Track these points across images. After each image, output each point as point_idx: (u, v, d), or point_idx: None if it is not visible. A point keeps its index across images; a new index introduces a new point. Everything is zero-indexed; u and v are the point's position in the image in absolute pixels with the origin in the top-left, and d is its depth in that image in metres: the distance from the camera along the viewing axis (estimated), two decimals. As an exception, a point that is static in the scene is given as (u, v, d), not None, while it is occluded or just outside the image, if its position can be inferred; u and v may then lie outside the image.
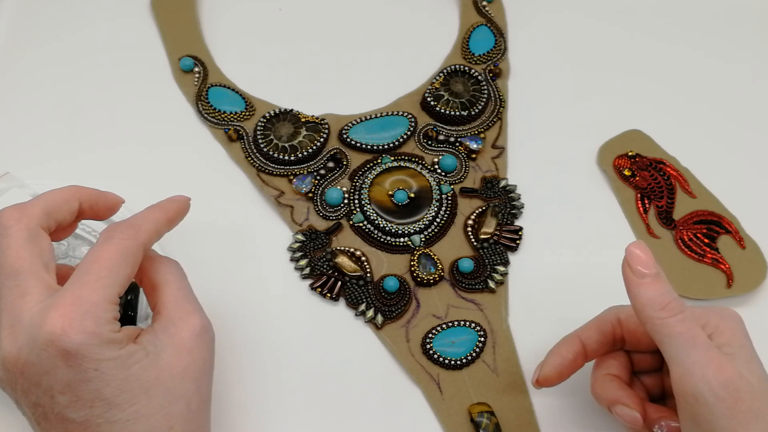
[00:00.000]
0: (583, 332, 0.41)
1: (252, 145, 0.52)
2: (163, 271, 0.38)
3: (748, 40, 0.59)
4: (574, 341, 0.41)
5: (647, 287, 0.36)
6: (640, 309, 0.36)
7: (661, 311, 0.35)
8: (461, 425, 0.43)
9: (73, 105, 0.54)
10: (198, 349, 0.36)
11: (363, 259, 0.48)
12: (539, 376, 0.41)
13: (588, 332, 0.41)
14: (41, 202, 0.36)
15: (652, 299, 0.36)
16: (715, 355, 0.34)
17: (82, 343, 0.32)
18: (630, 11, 0.60)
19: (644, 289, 0.36)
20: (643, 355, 0.41)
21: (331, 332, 0.46)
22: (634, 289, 0.36)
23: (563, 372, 0.41)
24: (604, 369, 0.41)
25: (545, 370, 0.41)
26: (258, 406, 0.44)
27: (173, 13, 0.58)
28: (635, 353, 0.42)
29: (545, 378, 0.41)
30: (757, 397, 0.34)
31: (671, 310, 0.35)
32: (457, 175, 0.51)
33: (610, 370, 0.41)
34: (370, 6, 0.60)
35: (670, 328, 0.35)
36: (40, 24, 0.58)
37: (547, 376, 0.41)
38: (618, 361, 0.41)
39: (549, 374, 0.41)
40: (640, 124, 0.54)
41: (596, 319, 0.41)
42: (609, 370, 0.41)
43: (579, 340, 0.41)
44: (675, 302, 0.35)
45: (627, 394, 0.39)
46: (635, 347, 0.41)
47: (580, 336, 0.41)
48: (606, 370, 0.41)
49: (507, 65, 0.56)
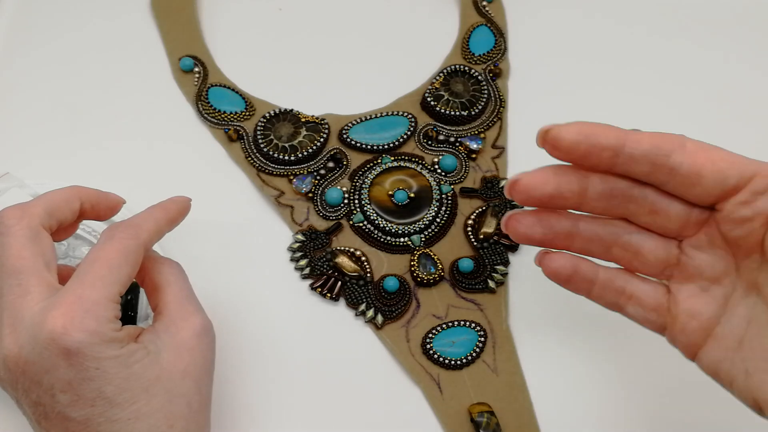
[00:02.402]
0: (634, 140, 0.33)
1: (252, 145, 0.52)
2: (164, 272, 0.38)
3: (749, 39, 0.59)
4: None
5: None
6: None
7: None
8: (461, 425, 0.43)
9: (73, 105, 0.54)
10: (199, 348, 0.36)
11: (363, 259, 0.48)
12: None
13: (640, 143, 0.33)
14: (43, 201, 0.36)
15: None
16: None
17: (83, 341, 0.32)
18: (630, 11, 0.60)
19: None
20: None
21: (331, 332, 0.46)
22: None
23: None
24: None
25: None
26: (258, 405, 0.44)
27: (173, 13, 0.58)
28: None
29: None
30: None
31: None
32: (457, 175, 0.51)
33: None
34: (369, 6, 0.60)
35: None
36: (40, 23, 0.58)
37: (534, 181, 0.33)
38: None
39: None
40: (640, 124, 0.54)
41: (651, 136, 0.33)
42: None
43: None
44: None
45: None
46: (682, 190, 0.32)
47: (627, 143, 0.32)
48: None
49: (507, 65, 0.57)
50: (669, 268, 0.35)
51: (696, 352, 0.34)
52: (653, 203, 0.34)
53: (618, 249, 0.35)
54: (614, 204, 0.34)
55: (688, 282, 0.34)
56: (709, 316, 0.33)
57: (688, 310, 0.34)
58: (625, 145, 0.32)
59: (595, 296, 0.36)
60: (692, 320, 0.33)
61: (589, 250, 0.36)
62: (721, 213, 0.32)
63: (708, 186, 0.32)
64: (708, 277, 0.33)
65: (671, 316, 0.34)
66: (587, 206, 0.34)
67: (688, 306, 0.34)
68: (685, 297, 0.34)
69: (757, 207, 0.31)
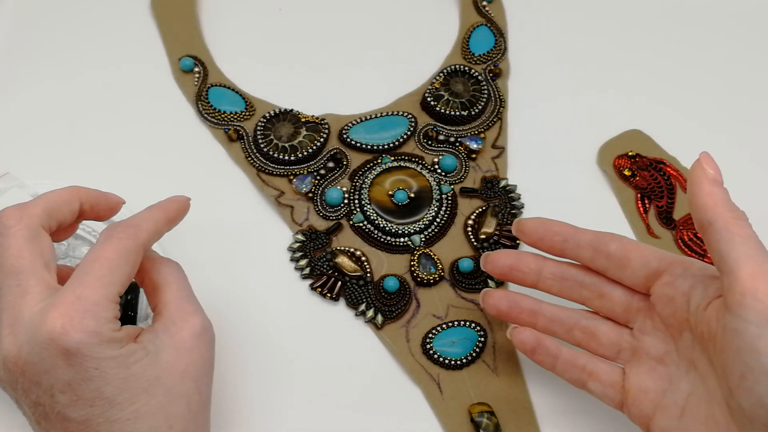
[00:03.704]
0: (581, 233, 0.41)
1: (252, 145, 0.52)
2: (164, 272, 0.38)
3: (749, 39, 0.59)
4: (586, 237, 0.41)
5: (720, 188, 0.35)
6: (711, 206, 0.35)
7: (733, 212, 0.35)
8: (461, 425, 0.43)
9: (72, 105, 0.54)
10: (198, 348, 0.36)
11: (363, 259, 0.48)
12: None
13: (585, 234, 0.41)
14: (42, 202, 0.36)
15: (725, 199, 0.35)
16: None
17: (82, 341, 0.32)
18: (630, 11, 0.60)
19: (718, 189, 0.35)
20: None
21: (331, 332, 0.46)
22: (708, 186, 0.35)
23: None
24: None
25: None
26: (258, 405, 0.44)
27: (173, 13, 0.58)
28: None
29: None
30: None
31: (742, 215, 0.35)
32: (457, 175, 0.51)
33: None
34: (370, 6, 0.60)
35: (742, 228, 0.34)
36: (40, 24, 0.58)
37: (497, 256, 0.43)
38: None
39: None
40: (640, 124, 0.54)
41: (595, 232, 0.41)
42: None
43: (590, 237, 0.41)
44: (742, 211, 0.35)
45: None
46: (617, 273, 0.40)
47: (575, 234, 0.41)
48: None
49: (507, 65, 0.56)
50: (623, 351, 0.40)
51: (648, 424, 0.38)
52: (600, 288, 0.40)
53: (578, 332, 0.41)
54: (567, 286, 0.41)
55: (639, 362, 0.39)
56: (656, 390, 0.38)
57: (638, 386, 0.38)
58: (573, 234, 0.40)
59: (559, 371, 0.41)
60: (641, 394, 0.38)
61: (552, 330, 0.41)
62: (654, 295, 0.38)
63: (635, 268, 0.38)
64: (654, 358, 0.39)
65: (625, 391, 0.39)
66: (543, 285, 0.42)
67: (637, 382, 0.39)
68: (636, 374, 0.39)
69: (677, 287, 0.37)
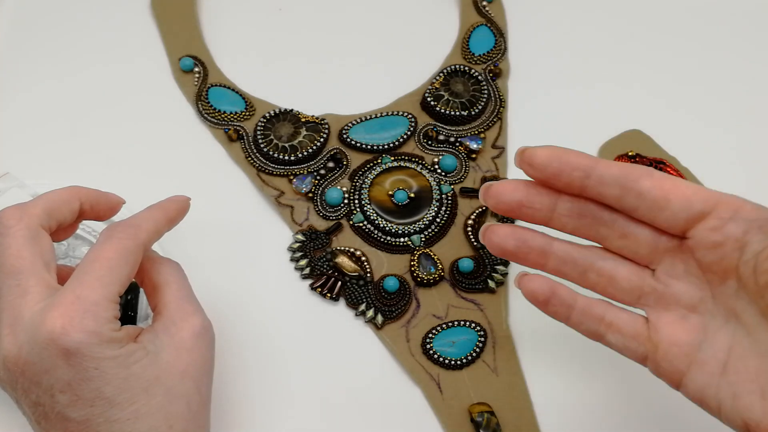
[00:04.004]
0: (604, 166, 0.33)
1: (252, 145, 0.52)
2: (164, 272, 0.38)
3: (749, 39, 0.59)
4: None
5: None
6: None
7: None
8: (461, 425, 0.43)
9: (72, 105, 0.54)
10: (198, 348, 0.36)
11: (363, 259, 0.48)
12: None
13: (609, 168, 0.33)
14: (42, 201, 0.36)
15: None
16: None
17: (82, 341, 0.32)
18: (630, 12, 0.60)
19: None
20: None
21: (331, 332, 0.46)
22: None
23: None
24: None
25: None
26: (258, 405, 0.44)
27: (173, 13, 0.58)
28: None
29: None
30: None
31: None
32: (457, 175, 0.51)
33: None
34: (370, 6, 0.60)
35: None
36: (40, 24, 0.58)
37: (503, 188, 0.35)
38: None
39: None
40: (640, 124, 0.54)
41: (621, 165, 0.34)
42: None
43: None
44: None
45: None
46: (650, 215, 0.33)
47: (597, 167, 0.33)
48: None
49: (507, 65, 0.56)
50: (644, 296, 0.35)
51: (680, 380, 0.34)
52: (623, 227, 0.35)
53: (593, 274, 0.36)
54: (584, 224, 0.35)
55: (667, 310, 0.34)
56: (690, 343, 0.33)
57: (669, 338, 0.34)
58: (595, 168, 0.33)
59: (575, 323, 0.36)
60: (673, 347, 0.34)
61: (564, 272, 0.36)
62: (693, 239, 0.33)
63: (675, 210, 0.33)
64: (685, 305, 0.34)
65: (652, 344, 0.34)
66: (557, 222, 0.35)
67: (667, 334, 0.34)
68: (665, 325, 0.34)
69: (726, 232, 0.32)
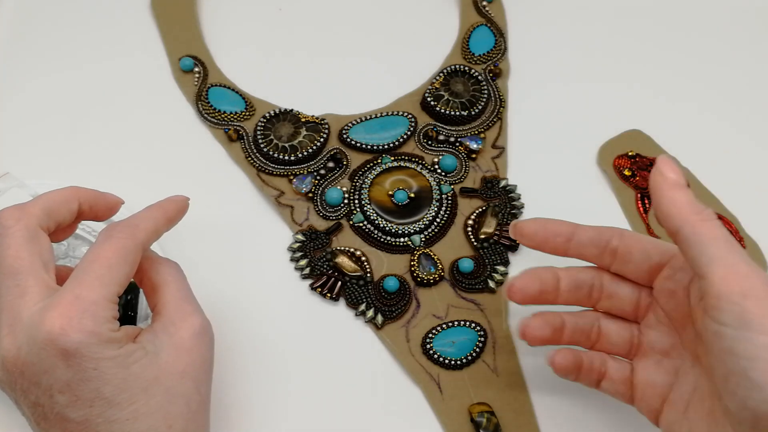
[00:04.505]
0: (582, 230, 0.40)
1: (252, 145, 0.52)
2: (163, 272, 0.38)
3: (747, 40, 0.59)
4: (567, 273, 0.41)
5: (683, 191, 0.35)
6: (676, 212, 0.35)
7: (699, 214, 0.34)
8: (461, 425, 0.43)
9: (72, 105, 0.54)
10: (197, 348, 0.36)
11: (363, 259, 0.48)
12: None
13: (586, 232, 0.40)
14: (41, 202, 0.36)
15: (690, 202, 0.35)
16: (749, 259, 0.34)
17: (81, 342, 0.32)
18: (630, 11, 0.60)
19: (681, 193, 0.35)
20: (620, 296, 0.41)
21: (331, 332, 0.46)
22: (669, 192, 0.35)
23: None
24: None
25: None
26: (258, 406, 0.44)
27: (173, 13, 0.58)
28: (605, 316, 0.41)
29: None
30: None
31: (709, 215, 0.34)
32: (457, 175, 0.51)
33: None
34: (370, 6, 0.60)
35: (710, 230, 0.34)
36: (40, 24, 0.58)
37: (523, 286, 0.40)
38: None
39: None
40: (640, 124, 0.54)
41: (595, 228, 0.40)
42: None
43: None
44: (709, 211, 0.35)
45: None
46: (620, 268, 0.40)
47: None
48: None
49: (507, 65, 0.56)
50: (633, 347, 0.40)
51: (657, 417, 0.38)
52: (608, 288, 0.40)
53: (593, 334, 0.41)
54: (582, 295, 0.41)
55: (645, 356, 0.39)
56: (663, 384, 0.38)
57: (645, 380, 0.39)
58: (575, 233, 0.40)
59: (582, 379, 0.41)
60: (649, 389, 0.39)
61: (576, 340, 0.41)
62: (656, 289, 0.39)
63: (638, 262, 0.39)
64: (660, 351, 0.39)
65: (634, 386, 0.39)
66: (562, 298, 0.41)
67: (644, 376, 0.39)
68: (642, 369, 0.39)
69: (677, 280, 0.37)
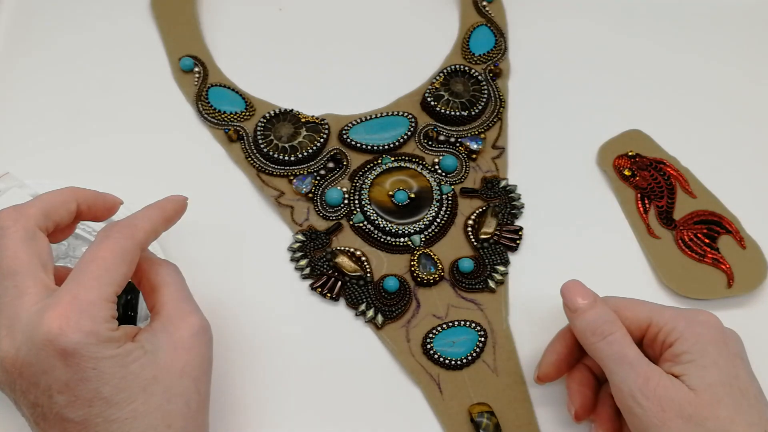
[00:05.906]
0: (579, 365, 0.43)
1: (252, 146, 0.52)
2: (161, 273, 0.38)
3: (747, 40, 0.59)
4: (566, 335, 0.43)
5: (581, 317, 0.39)
6: (580, 338, 0.40)
7: (592, 336, 0.39)
8: (461, 425, 0.43)
9: (73, 105, 0.54)
10: (196, 348, 0.36)
11: (363, 259, 0.48)
12: (539, 373, 0.43)
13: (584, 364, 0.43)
14: (39, 203, 0.36)
15: (584, 327, 0.39)
16: (642, 369, 0.37)
17: (79, 342, 0.32)
18: (630, 11, 0.60)
19: (579, 320, 0.40)
20: None
21: (331, 332, 0.46)
22: (572, 322, 0.40)
23: (561, 366, 0.43)
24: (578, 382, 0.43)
25: (543, 368, 0.43)
26: (257, 405, 0.44)
27: (173, 13, 0.58)
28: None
29: (545, 374, 0.43)
30: (692, 402, 0.36)
31: (601, 333, 0.38)
32: (457, 175, 0.51)
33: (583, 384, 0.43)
34: (370, 6, 0.60)
35: (601, 350, 0.38)
36: (40, 24, 0.58)
37: (546, 372, 0.43)
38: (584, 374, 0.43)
39: (547, 370, 0.43)
40: (640, 124, 0.54)
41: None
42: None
43: (571, 333, 0.42)
44: (606, 325, 0.39)
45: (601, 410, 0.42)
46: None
47: (571, 329, 0.42)
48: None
49: (507, 65, 0.56)
50: None
51: None
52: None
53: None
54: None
55: None
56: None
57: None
58: (570, 358, 0.43)
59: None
60: None
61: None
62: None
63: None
64: None
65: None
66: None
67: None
68: None
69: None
